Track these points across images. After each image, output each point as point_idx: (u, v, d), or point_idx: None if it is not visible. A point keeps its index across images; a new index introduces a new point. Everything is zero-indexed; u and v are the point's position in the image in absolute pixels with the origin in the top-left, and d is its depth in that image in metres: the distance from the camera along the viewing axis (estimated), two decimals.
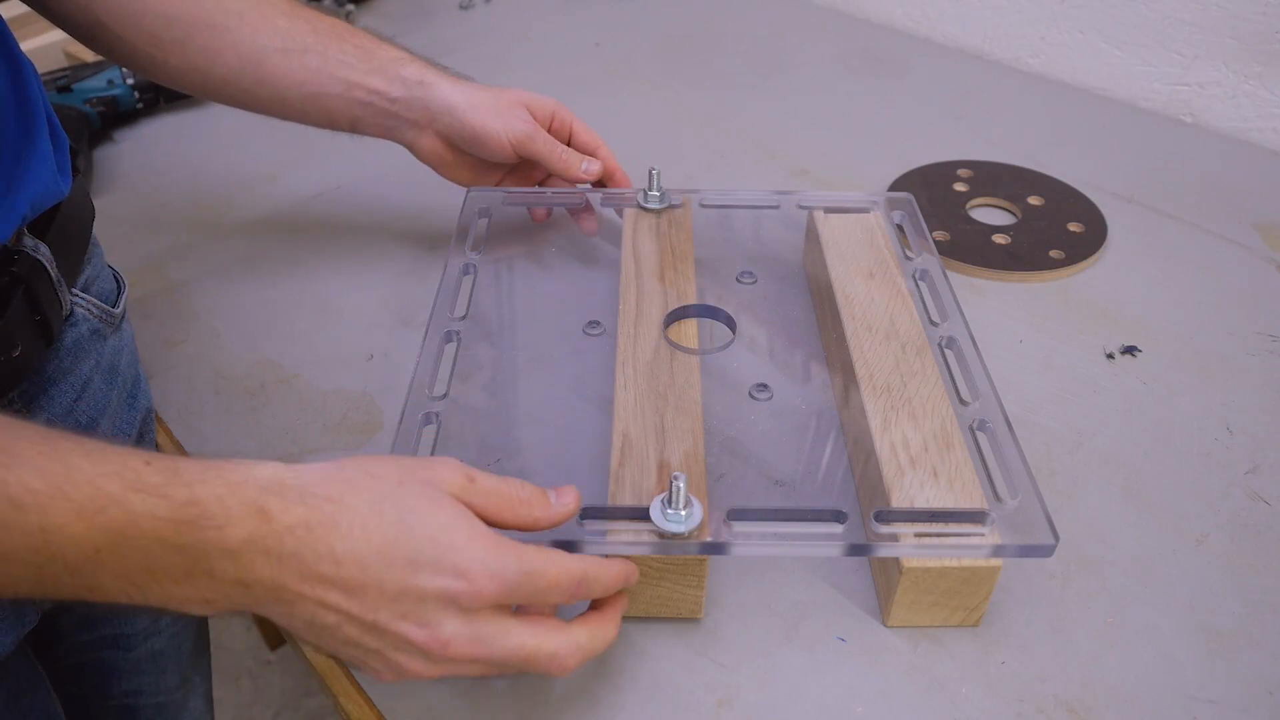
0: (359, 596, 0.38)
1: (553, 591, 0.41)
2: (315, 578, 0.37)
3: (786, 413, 0.58)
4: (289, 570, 0.37)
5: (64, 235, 0.52)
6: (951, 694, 0.47)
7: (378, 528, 0.38)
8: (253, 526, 0.36)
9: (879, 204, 0.70)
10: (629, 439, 0.52)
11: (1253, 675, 0.48)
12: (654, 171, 0.70)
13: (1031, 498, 0.48)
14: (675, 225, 0.69)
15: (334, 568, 0.37)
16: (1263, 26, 0.90)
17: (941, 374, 0.56)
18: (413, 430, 0.52)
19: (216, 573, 0.36)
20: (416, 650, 0.39)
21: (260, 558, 0.37)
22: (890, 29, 1.16)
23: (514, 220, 0.72)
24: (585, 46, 1.11)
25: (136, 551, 0.35)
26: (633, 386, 0.56)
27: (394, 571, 0.38)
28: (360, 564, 0.38)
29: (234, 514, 0.36)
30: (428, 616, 0.39)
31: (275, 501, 0.37)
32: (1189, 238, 0.80)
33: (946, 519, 0.47)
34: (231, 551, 0.36)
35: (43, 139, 0.49)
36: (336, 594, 0.38)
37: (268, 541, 0.37)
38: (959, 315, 0.59)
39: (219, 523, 0.36)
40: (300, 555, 0.37)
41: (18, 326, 0.47)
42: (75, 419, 0.54)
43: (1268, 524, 0.56)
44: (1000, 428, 0.52)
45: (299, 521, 0.37)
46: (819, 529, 0.47)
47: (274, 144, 0.92)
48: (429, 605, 0.39)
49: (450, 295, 0.62)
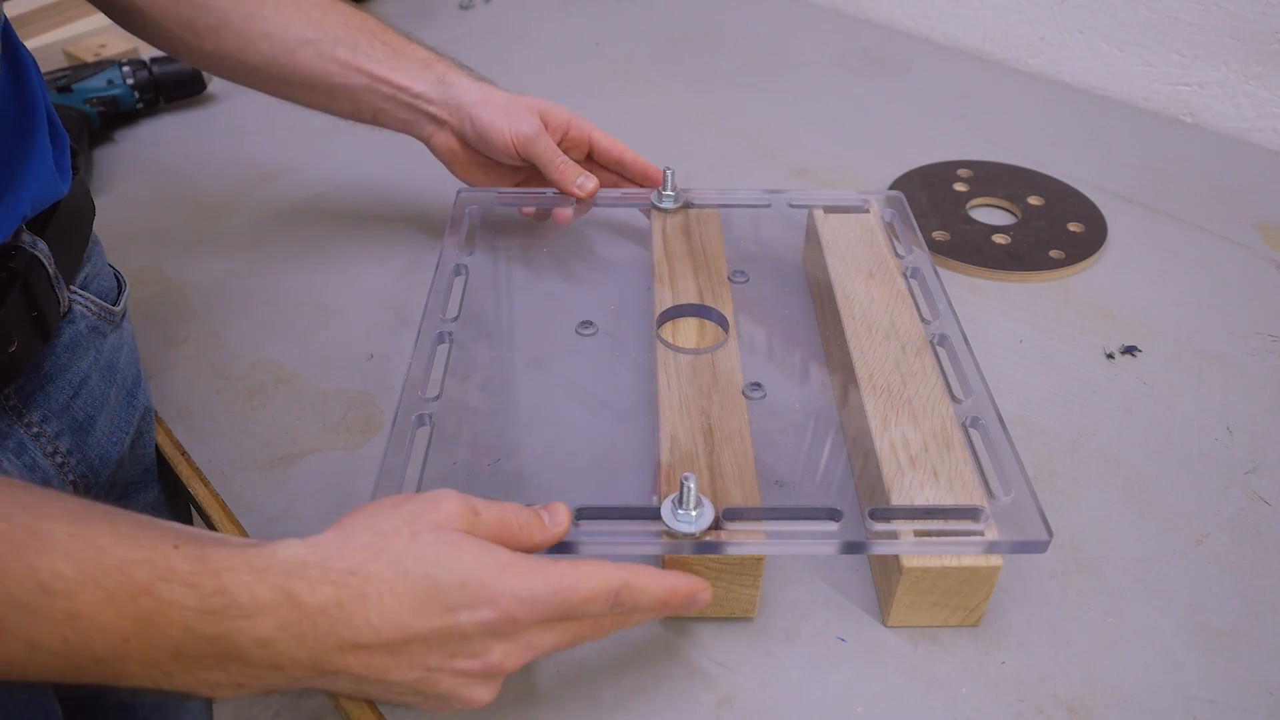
0: (404, 654, 0.38)
1: (591, 605, 0.40)
2: (354, 648, 0.37)
3: (785, 412, 0.58)
4: (326, 648, 0.37)
5: (63, 232, 0.52)
6: (951, 694, 0.47)
7: (406, 588, 0.38)
8: (284, 614, 0.36)
9: (871, 202, 0.70)
10: (677, 440, 0.52)
11: (1253, 675, 0.48)
12: (668, 171, 0.70)
13: (1025, 494, 0.48)
14: (704, 225, 0.69)
15: (373, 635, 0.37)
16: (1263, 26, 0.90)
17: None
18: (406, 432, 0.52)
19: (249, 659, 0.36)
20: (475, 678, 0.40)
21: (294, 642, 0.36)
22: (890, 29, 1.16)
23: (507, 220, 0.72)
24: (585, 46, 1.11)
25: (165, 640, 0.35)
26: (676, 388, 0.56)
27: (432, 622, 0.38)
28: (399, 625, 0.38)
29: (263, 603, 0.36)
30: (474, 649, 0.39)
31: (302, 585, 0.37)
32: (1189, 238, 0.80)
33: (941, 515, 0.47)
34: (263, 640, 0.36)
35: (43, 137, 0.49)
36: (382, 657, 0.38)
37: (300, 626, 0.36)
38: (950, 312, 0.60)
39: (249, 612, 0.36)
40: (336, 632, 0.37)
41: (14, 322, 0.47)
42: (71, 415, 0.54)
43: (1268, 524, 0.56)
44: (993, 424, 0.52)
45: (329, 601, 0.37)
46: (814, 527, 0.47)
47: (274, 144, 0.92)
48: (473, 641, 0.39)
49: (442, 296, 0.62)
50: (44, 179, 0.49)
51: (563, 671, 0.48)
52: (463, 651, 0.39)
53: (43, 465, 0.53)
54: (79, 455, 0.55)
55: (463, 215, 0.70)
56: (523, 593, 0.39)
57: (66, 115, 0.88)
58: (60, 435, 0.54)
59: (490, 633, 0.39)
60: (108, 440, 0.57)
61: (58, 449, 0.53)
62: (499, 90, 0.69)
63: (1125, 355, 0.68)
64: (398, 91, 0.68)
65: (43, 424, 0.52)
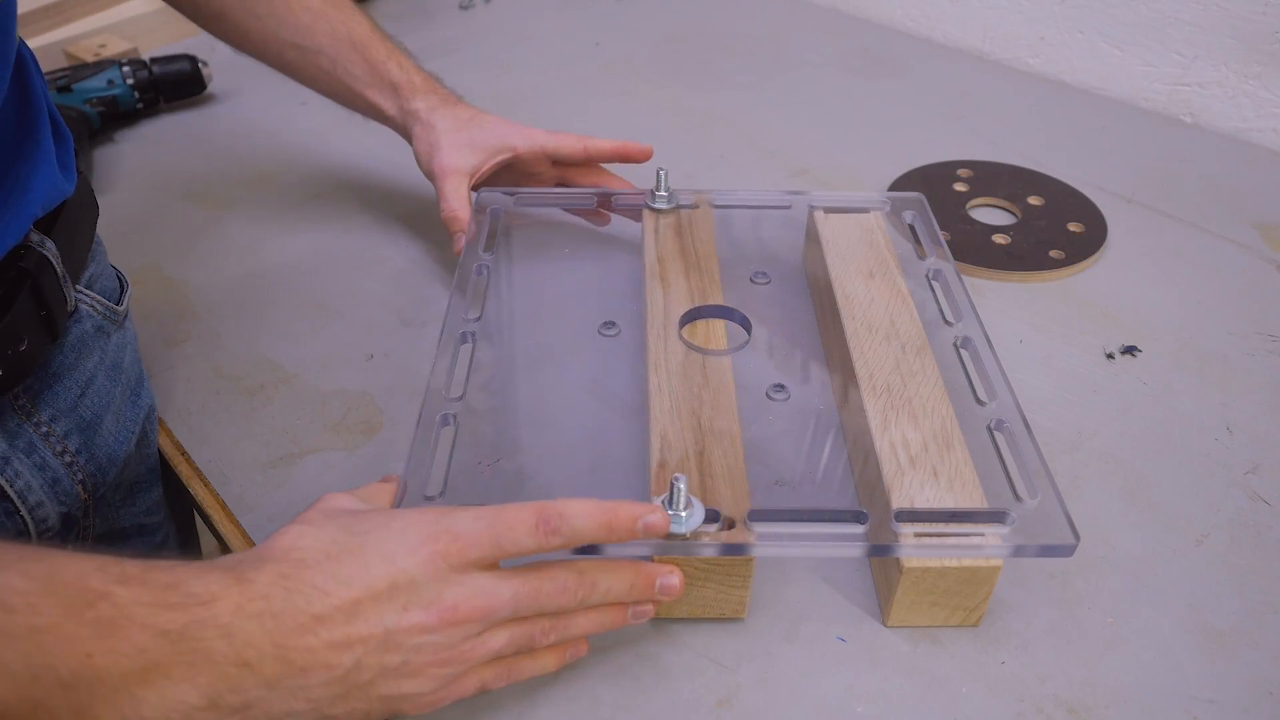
0: (359, 615, 0.38)
1: (520, 528, 0.41)
2: (313, 621, 0.37)
3: (791, 412, 0.58)
4: (286, 626, 0.37)
5: (69, 232, 0.52)
6: (951, 694, 0.47)
7: (341, 546, 0.39)
8: (237, 594, 0.36)
9: (890, 204, 0.70)
10: (667, 441, 0.52)
11: (1253, 675, 0.48)
12: (662, 172, 0.70)
13: (1051, 497, 0.48)
14: (696, 225, 0.69)
15: (324, 599, 0.37)
16: (1263, 26, 0.90)
17: (950, 373, 0.56)
18: (430, 432, 0.52)
19: (215, 657, 0.35)
20: (434, 635, 0.39)
21: (253, 623, 0.36)
22: (890, 29, 1.16)
23: (525, 220, 0.72)
24: (585, 46, 1.11)
25: (130, 649, 0.34)
26: (666, 389, 0.56)
27: (375, 570, 0.38)
28: (345, 581, 0.38)
29: (215, 588, 0.36)
30: (423, 592, 0.39)
31: (246, 567, 0.38)
32: (1189, 238, 0.80)
33: (968, 519, 0.47)
34: (224, 628, 0.35)
35: (46, 136, 0.50)
36: (339, 625, 0.37)
37: (256, 604, 0.36)
38: (974, 315, 0.59)
39: (204, 599, 0.36)
40: (290, 605, 0.37)
41: (24, 321, 0.48)
42: (79, 415, 0.54)
43: (1268, 524, 0.56)
44: (1018, 427, 0.52)
45: (274, 575, 0.37)
46: (839, 530, 0.47)
47: (274, 144, 0.92)
48: (423, 585, 0.39)
49: (464, 296, 0.62)
50: (51, 179, 0.49)
51: (562, 672, 0.48)
52: (415, 599, 0.39)
53: (52, 465, 0.53)
54: (87, 454, 0.55)
55: (483, 215, 0.70)
56: (453, 525, 0.40)
57: (66, 115, 0.88)
58: (69, 435, 0.54)
59: (439, 564, 0.39)
60: (114, 439, 0.57)
61: (66, 448, 0.53)
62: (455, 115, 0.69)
63: (1125, 355, 0.68)
64: (373, 109, 0.71)
65: (51, 423, 0.53)
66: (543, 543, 0.41)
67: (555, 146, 0.70)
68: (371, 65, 0.70)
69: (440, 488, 0.50)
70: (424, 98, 0.70)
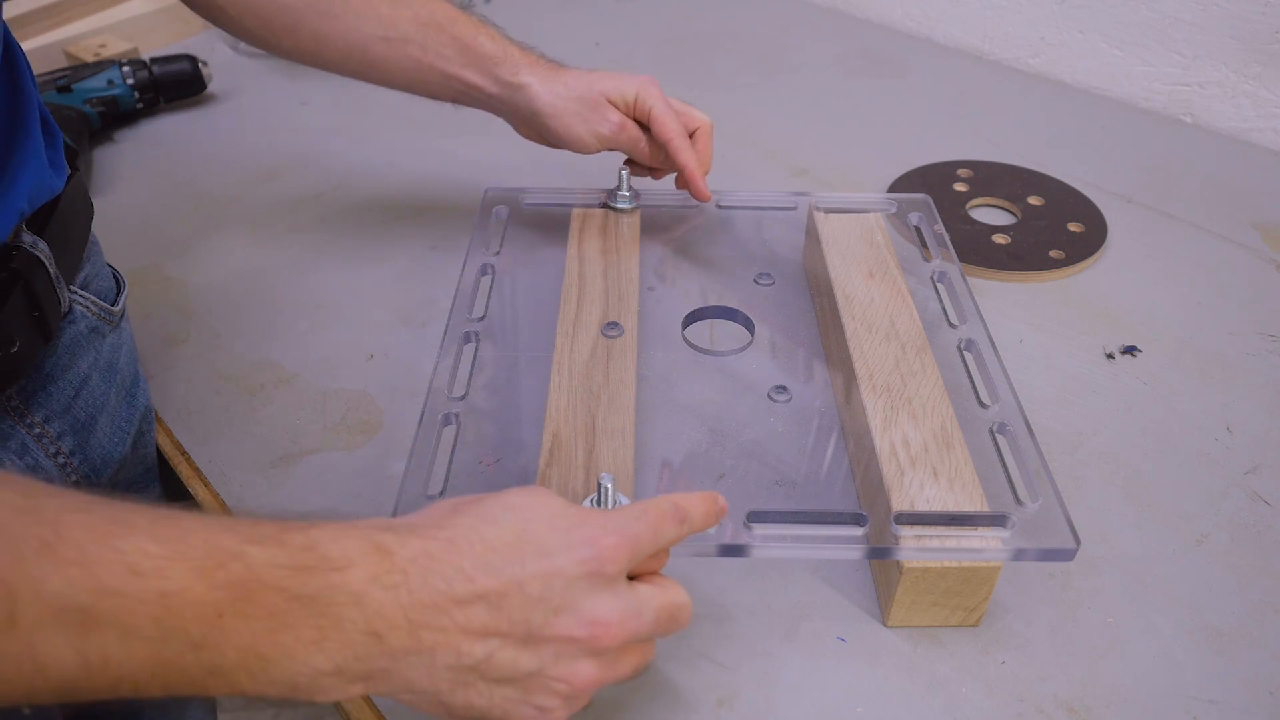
0: (503, 606, 0.36)
1: (663, 523, 0.40)
2: (451, 602, 0.36)
3: (793, 413, 0.58)
4: (421, 602, 0.35)
5: (62, 232, 0.52)
6: (951, 694, 0.47)
7: (497, 534, 0.37)
8: (374, 564, 0.35)
9: (896, 206, 0.70)
10: (559, 439, 0.52)
11: (1253, 675, 0.48)
12: (624, 171, 0.69)
13: (1052, 501, 0.48)
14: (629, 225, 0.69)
15: (468, 585, 0.36)
16: (1263, 26, 0.90)
17: (953, 375, 0.56)
18: (432, 431, 0.52)
19: (345, 624, 0.34)
20: (581, 649, 0.38)
21: (388, 595, 0.35)
22: (890, 29, 1.16)
23: (533, 219, 0.72)
24: (585, 46, 1.11)
25: (261, 610, 0.33)
26: (566, 387, 0.56)
27: (529, 565, 0.37)
28: (494, 571, 0.36)
29: (352, 554, 0.35)
30: (577, 601, 0.37)
31: (390, 537, 0.36)
32: (1189, 238, 0.80)
33: (968, 522, 0.47)
34: (357, 595, 0.34)
35: (35, 131, 0.49)
36: (480, 612, 0.36)
37: (393, 577, 0.35)
38: (978, 318, 0.60)
39: (339, 564, 0.34)
40: (429, 583, 0.35)
41: (15, 322, 0.47)
42: (73, 416, 0.54)
43: (1268, 524, 0.56)
44: (1020, 430, 0.52)
45: (419, 552, 0.36)
46: (839, 532, 0.47)
47: (274, 144, 0.92)
48: (575, 588, 0.37)
49: (469, 296, 0.62)
50: (38, 173, 0.49)
51: None
52: (565, 604, 0.37)
53: (45, 466, 0.53)
54: (81, 455, 0.55)
55: (490, 214, 0.69)
56: (610, 524, 0.39)
57: (66, 115, 0.88)
58: (62, 436, 0.54)
59: (592, 574, 0.37)
60: (109, 440, 0.57)
61: (60, 449, 0.53)
62: (568, 89, 0.67)
63: (1125, 355, 0.68)
64: (470, 89, 0.68)
65: (45, 424, 0.52)
66: (681, 531, 0.41)
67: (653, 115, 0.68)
68: (461, 44, 0.67)
69: (441, 487, 0.50)
70: (529, 67, 0.68)
